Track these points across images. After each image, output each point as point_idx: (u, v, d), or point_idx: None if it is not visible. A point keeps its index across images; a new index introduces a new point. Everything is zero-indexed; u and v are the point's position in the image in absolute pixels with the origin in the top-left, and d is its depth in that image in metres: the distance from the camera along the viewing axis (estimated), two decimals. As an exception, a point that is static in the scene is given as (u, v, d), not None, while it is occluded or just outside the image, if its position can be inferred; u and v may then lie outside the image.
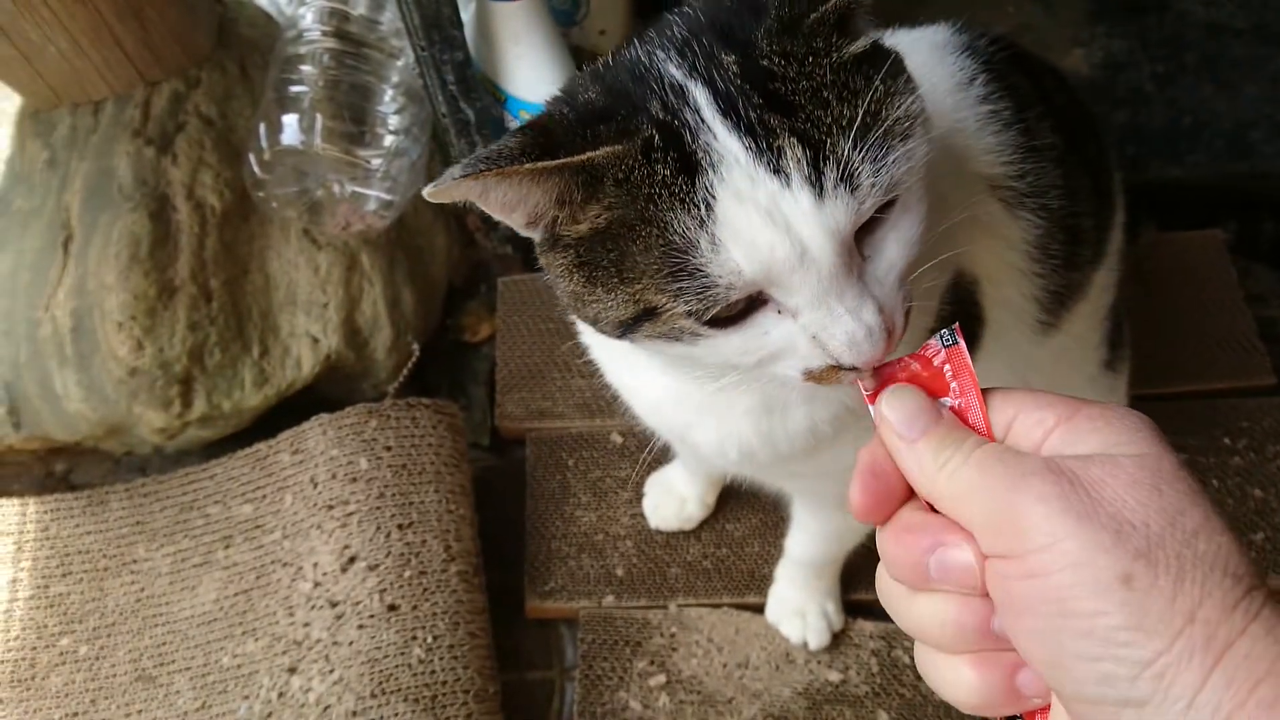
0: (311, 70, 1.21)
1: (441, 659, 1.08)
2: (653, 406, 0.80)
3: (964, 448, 0.45)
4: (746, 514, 1.23)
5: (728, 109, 0.54)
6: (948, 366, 0.48)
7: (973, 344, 0.78)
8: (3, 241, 1.27)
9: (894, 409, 0.47)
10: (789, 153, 0.53)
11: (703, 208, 0.53)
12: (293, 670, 1.09)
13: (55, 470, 1.34)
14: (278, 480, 1.21)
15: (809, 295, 0.55)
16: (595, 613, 1.17)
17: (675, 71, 0.56)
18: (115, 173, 1.23)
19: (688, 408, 0.77)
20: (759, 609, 1.16)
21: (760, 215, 0.53)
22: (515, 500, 1.25)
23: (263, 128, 1.20)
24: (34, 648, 1.16)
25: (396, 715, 1.04)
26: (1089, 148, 0.89)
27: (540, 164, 0.54)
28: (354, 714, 1.04)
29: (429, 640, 1.08)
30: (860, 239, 0.56)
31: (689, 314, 0.55)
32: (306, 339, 1.26)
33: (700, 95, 0.54)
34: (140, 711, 1.12)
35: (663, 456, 1.21)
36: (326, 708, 1.05)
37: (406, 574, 1.11)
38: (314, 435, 1.20)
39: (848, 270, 0.55)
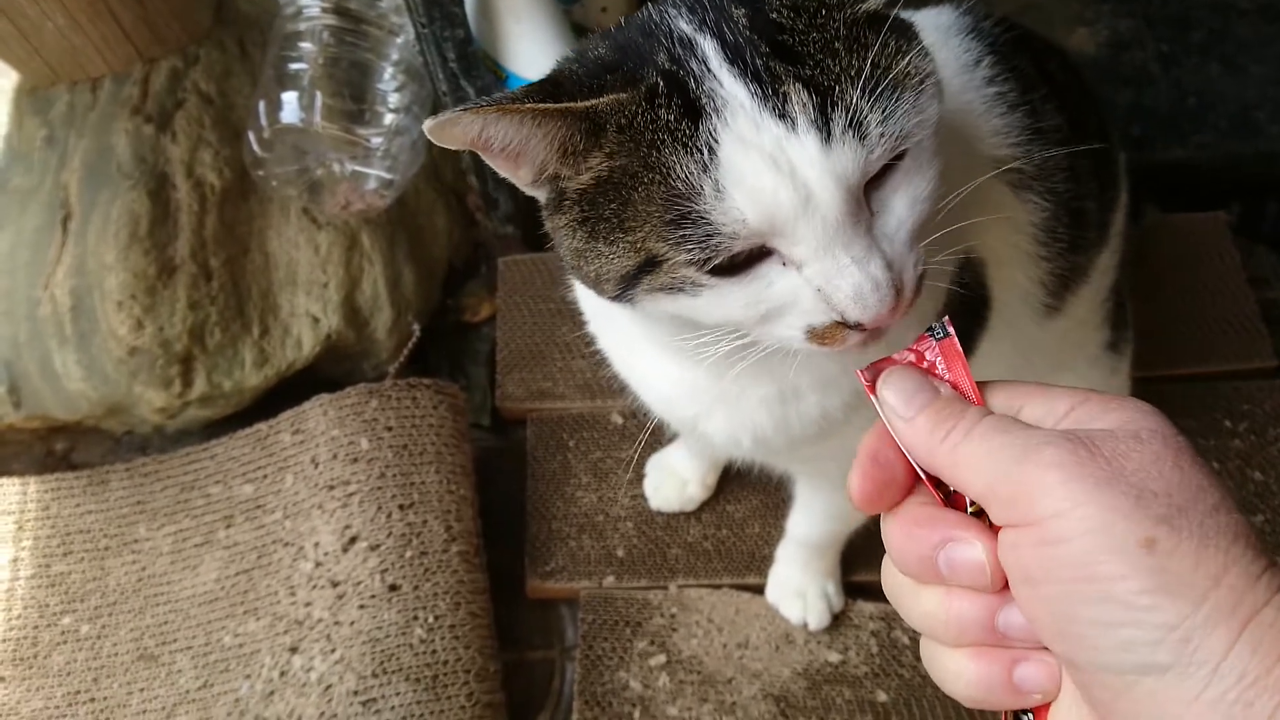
0: (311, 47, 1.20)
1: (443, 639, 1.08)
2: (663, 398, 0.80)
3: (967, 418, 0.44)
4: (747, 495, 1.23)
5: (735, 58, 0.54)
6: (940, 360, 0.48)
7: (979, 326, 0.78)
8: (1, 220, 1.27)
9: (892, 388, 0.47)
10: (794, 98, 0.52)
11: (705, 152, 0.53)
12: (294, 649, 1.10)
13: (56, 449, 1.34)
14: (279, 460, 1.21)
15: (814, 245, 0.54)
16: (596, 593, 1.17)
17: (685, 25, 0.56)
18: (114, 151, 1.22)
19: (699, 399, 0.77)
20: (759, 590, 1.16)
21: (765, 160, 0.52)
22: (516, 481, 1.25)
23: (262, 105, 1.19)
24: (36, 626, 1.17)
25: (398, 694, 1.05)
26: (1092, 129, 0.89)
27: (542, 105, 0.54)
28: (355, 693, 1.05)
29: (430, 620, 1.08)
30: (869, 194, 0.56)
31: (690, 263, 0.55)
32: (307, 319, 1.26)
33: (708, 46, 0.54)
34: (142, 690, 1.12)
35: (662, 437, 1.21)
36: (328, 687, 1.06)
37: (408, 554, 1.11)
38: (315, 415, 1.20)
39: (855, 221, 0.54)
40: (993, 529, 0.44)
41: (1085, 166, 0.84)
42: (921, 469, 0.46)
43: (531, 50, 1.25)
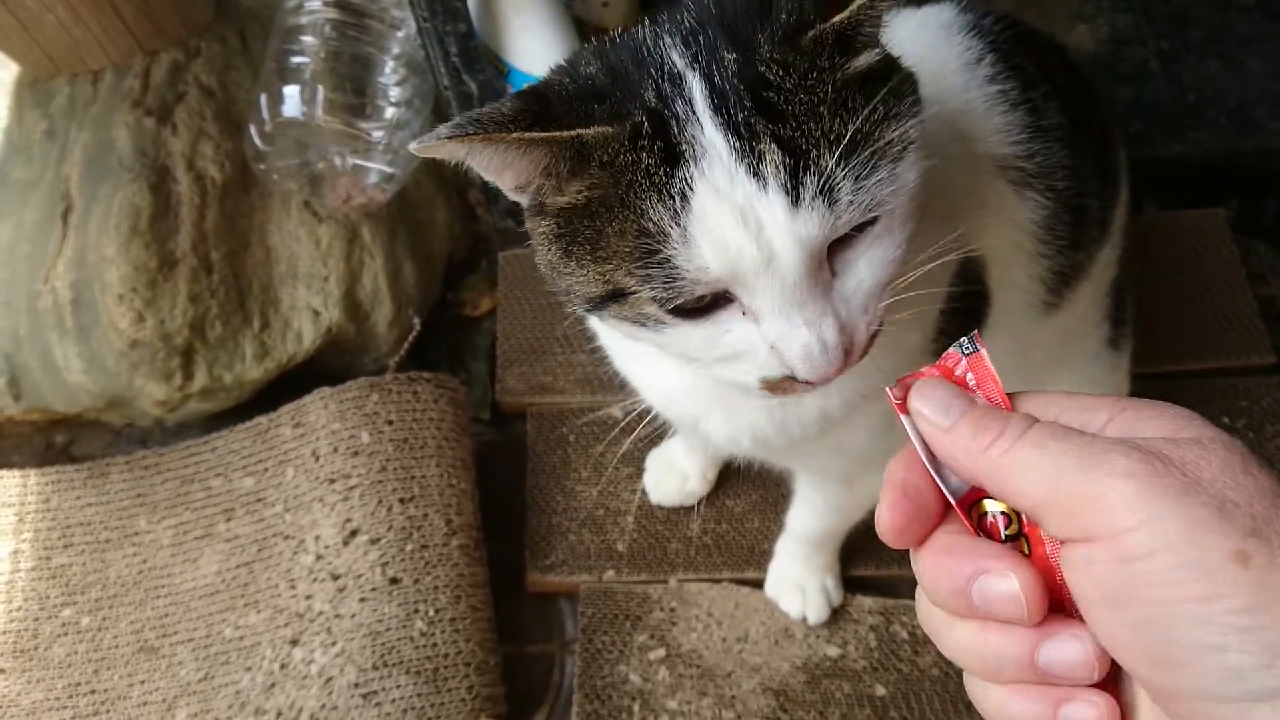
0: (312, 41, 1.20)
1: (443, 632, 1.08)
2: (664, 397, 0.81)
3: (1013, 423, 0.42)
4: (747, 490, 1.23)
5: (720, 105, 0.54)
6: (970, 375, 0.46)
7: (978, 323, 0.78)
8: (2, 213, 1.26)
9: (926, 399, 0.44)
10: (768, 158, 0.53)
11: (678, 200, 0.54)
12: (295, 642, 1.10)
13: (56, 442, 1.34)
14: (279, 453, 1.21)
15: (771, 301, 0.55)
16: (595, 587, 1.18)
17: (677, 60, 0.56)
18: (115, 143, 1.22)
19: (699, 399, 0.78)
20: (758, 584, 1.17)
21: (734, 214, 0.53)
22: (516, 475, 1.26)
23: (264, 99, 1.19)
24: (36, 619, 1.17)
25: (398, 687, 1.05)
26: (1094, 127, 0.89)
27: (528, 135, 0.54)
28: (356, 685, 1.05)
29: (431, 613, 1.09)
30: (834, 254, 0.57)
31: (654, 300, 0.56)
32: (307, 312, 1.26)
33: (696, 87, 0.55)
34: (143, 682, 1.13)
35: (662, 432, 1.22)
36: (329, 679, 1.06)
37: (408, 547, 1.11)
38: (315, 409, 1.20)
39: (813, 282, 0.55)
40: (1028, 559, 0.42)
41: (1086, 164, 0.84)
42: (952, 497, 0.44)
43: (533, 45, 1.25)
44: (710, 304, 0.57)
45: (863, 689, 1.11)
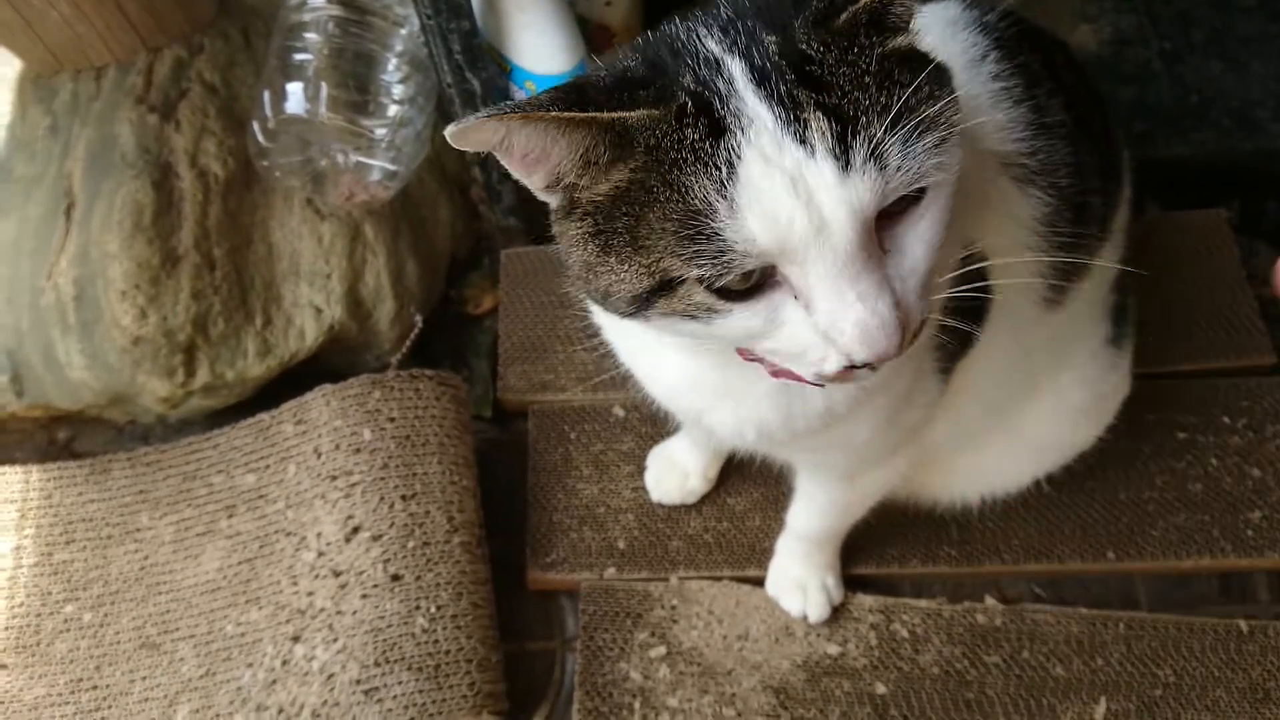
0: (316, 38, 1.20)
1: (445, 628, 1.08)
2: (669, 390, 0.81)
3: None
4: (748, 488, 1.23)
5: (761, 80, 0.54)
6: None
7: (980, 320, 0.78)
8: (5, 209, 1.27)
9: None
10: (814, 125, 0.53)
11: (724, 170, 0.53)
12: (297, 638, 1.10)
13: (58, 438, 1.34)
14: (281, 450, 1.21)
15: (823, 275, 0.54)
16: (596, 584, 1.18)
17: (714, 46, 0.57)
18: (118, 140, 1.22)
19: (705, 392, 0.78)
20: (759, 582, 1.17)
21: (783, 181, 0.53)
22: (517, 472, 1.26)
23: (267, 96, 1.19)
24: (38, 614, 1.17)
25: (400, 684, 1.05)
26: (1097, 125, 0.89)
27: (570, 113, 0.54)
28: (358, 682, 1.05)
29: (432, 610, 1.09)
30: (885, 232, 0.56)
31: (701, 280, 0.55)
32: (310, 309, 1.26)
33: (736, 67, 0.55)
34: (144, 678, 1.13)
35: (665, 429, 1.22)
36: (330, 676, 1.06)
37: (410, 544, 1.11)
38: (317, 406, 1.20)
39: (866, 255, 0.54)
40: None
41: (1089, 162, 0.84)
42: None
43: (536, 43, 1.25)
44: (759, 284, 0.56)
45: (863, 687, 1.11)
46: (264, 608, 1.14)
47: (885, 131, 0.53)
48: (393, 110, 1.22)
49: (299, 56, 1.20)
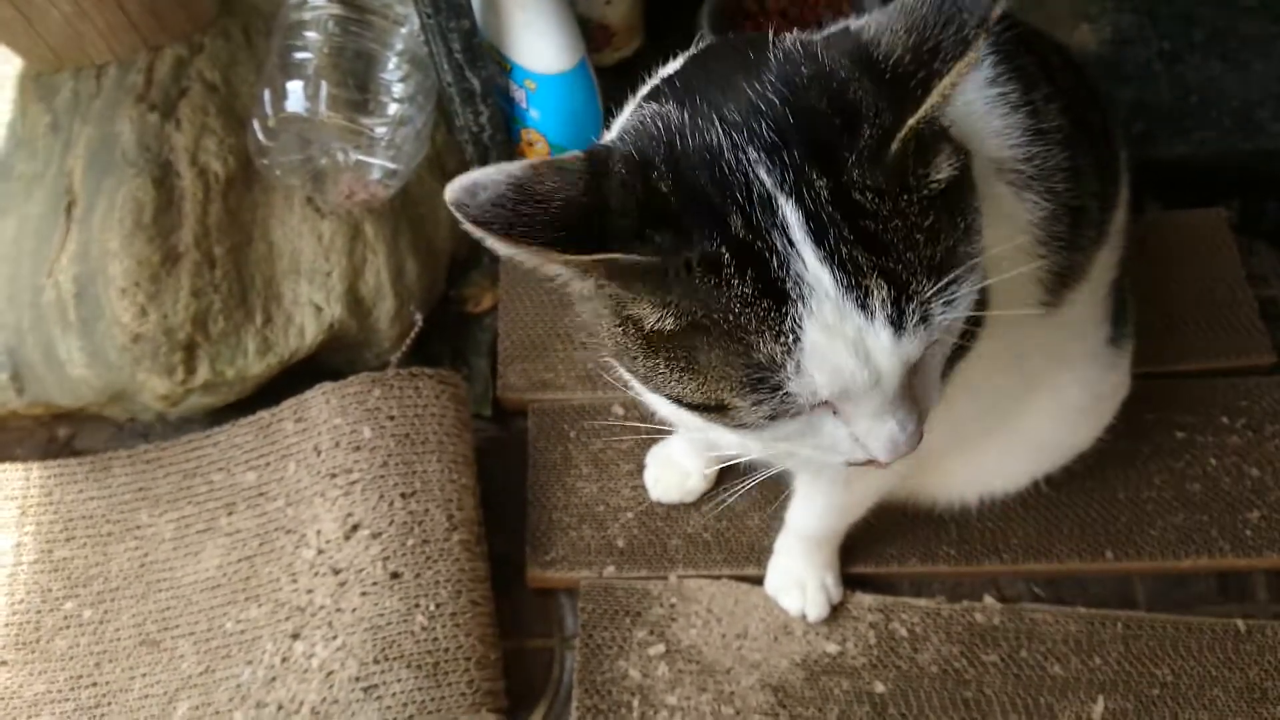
0: (316, 36, 1.20)
1: (444, 626, 1.09)
2: (680, 420, 0.81)
3: None
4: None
5: (820, 237, 0.53)
6: None
7: (975, 325, 0.78)
8: (5, 207, 1.27)
9: None
10: (875, 293, 0.54)
11: (790, 337, 0.54)
12: (296, 636, 1.10)
13: (58, 436, 1.34)
14: (281, 448, 1.21)
15: (872, 409, 0.58)
16: (596, 583, 1.18)
17: (765, 179, 0.54)
18: (118, 138, 1.22)
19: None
20: (758, 581, 1.17)
21: (846, 346, 0.54)
22: (516, 471, 1.26)
23: (267, 94, 1.20)
24: (38, 611, 1.17)
25: (399, 681, 1.05)
26: (1096, 128, 0.89)
27: (583, 257, 0.53)
28: (357, 679, 1.05)
29: (431, 608, 1.09)
30: None
31: (759, 416, 0.58)
32: (310, 307, 1.26)
33: (791, 214, 0.54)
34: (144, 675, 1.13)
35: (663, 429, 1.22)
36: (330, 673, 1.06)
37: (409, 542, 1.12)
38: (317, 403, 1.21)
39: (905, 389, 0.58)
40: None
41: (1087, 165, 0.84)
42: None
43: (537, 42, 1.25)
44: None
45: (861, 686, 1.11)
46: (264, 605, 1.14)
47: (935, 292, 0.55)
48: (393, 109, 1.23)
49: (299, 55, 1.20)
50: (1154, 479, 1.22)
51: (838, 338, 0.54)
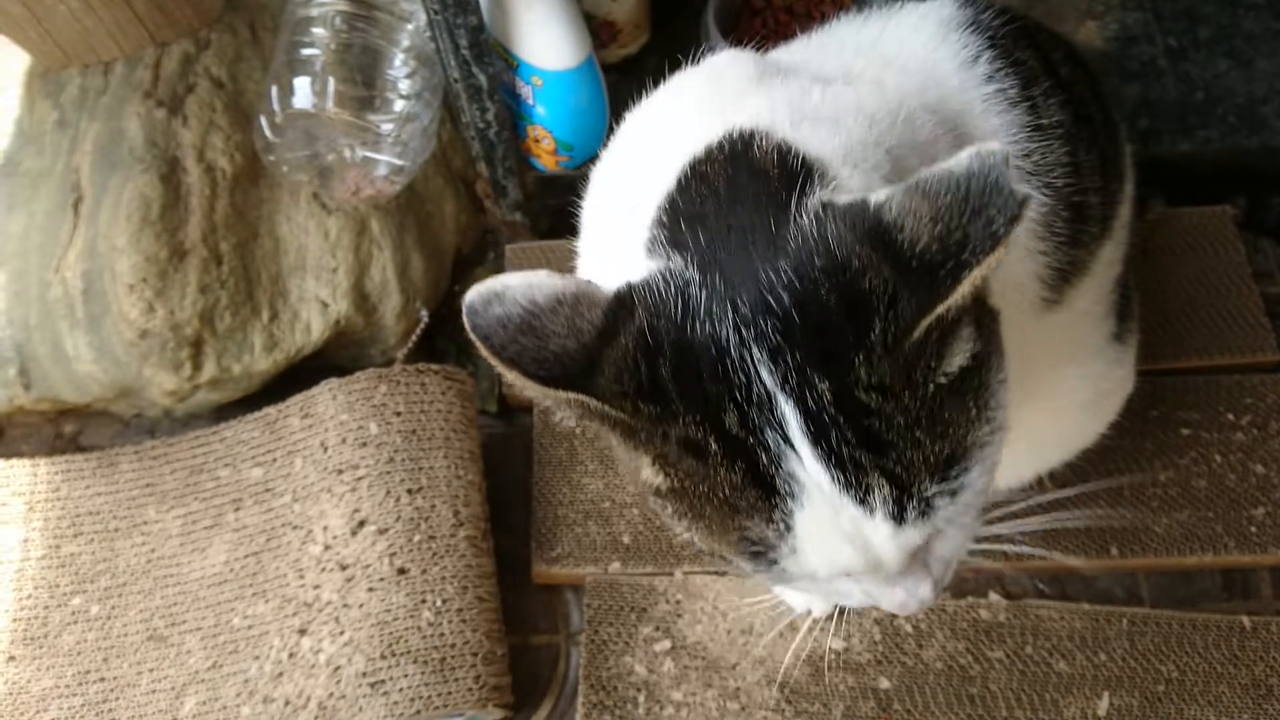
0: (323, 33, 1.21)
1: (450, 622, 1.09)
2: None
3: None
4: (752, 483, 1.23)
5: (819, 437, 0.52)
6: None
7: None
8: (13, 203, 1.27)
9: None
10: (876, 492, 0.53)
11: (781, 525, 0.54)
12: (303, 631, 1.11)
13: (65, 432, 1.35)
14: (287, 444, 1.22)
15: (873, 583, 0.58)
16: (601, 579, 1.18)
17: (767, 379, 0.53)
18: (125, 134, 1.23)
19: None
20: (764, 577, 1.17)
21: (840, 536, 0.54)
22: (522, 467, 1.26)
23: (274, 90, 1.20)
24: (46, 607, 1.18)
25: (406, 676, 1.06)
26: (1097, 123, 0.89)
27: (553, 391, 0.53)
28: (364, 675, 1.06)
29: (438, 603, 1.09)
30: None
31: (765, 578, 0.59)
32: (316, 304, 1.26)
33: (790, 415, 0.53)
34: (151, 670, 1.13)
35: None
36: (337, 668, 1.07)
37: (416, 538, 1.12)
38: (324, 399, 1.21)
39: (911, 563, 0.57)
40: None
41: (1088, 161, 0.83)
42: None
43: (543, 38, 1.25)
44: None
45: (867, 681, 1.12)
46: (271, 601, 1.14)
47: (939, 488, 0.54)
48: (399, 105, 1.23)
49: (306, 51, 1.20)
50: (1159, 476, 1.22)
51: (833, 530, 0.54)
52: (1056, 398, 1.01)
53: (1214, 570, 1.19)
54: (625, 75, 1.43)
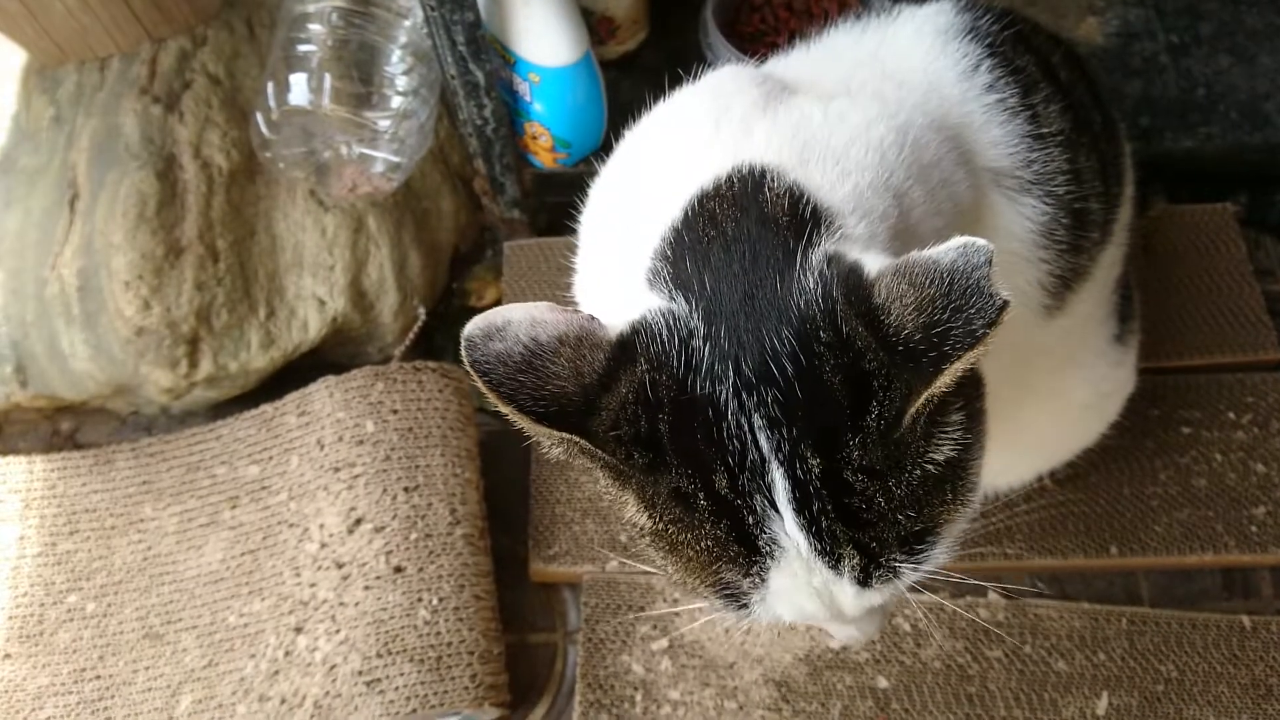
0: (320, 29, 1.20)
1: (447, 620, 1.09)
2: None
3: None
4: (750, 481, 1.23)
5: (802, 507, 0.54)
6: None
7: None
8: (10, 200, 1.27)
9: None
10: (846, 560, 0.55)
11: (758, 579, 0.56)
12: (299, 630, 1.10)
13: (61, 429, 1.34)
14: (284, 442, 1.21)
15: (835, 627, 0.64)
16: (599, 577, 1.18)
17: (764, 445, 0.54)
18: (122, 131, 1.22)
19: None
20: (762, 576, 1.17)
21: (810, 592, 0.57)
22: (520, 465, 1.26)
23: (270, 87, 1.19)
24: (42, 604, 1.18)
25: (402, 675, 1.05)
26: (1098, 127, 0.88)
27: (545, 429, 0.55)
28: (360, 673, 1.05)
29: (434, 602, 1.09)
30: None
31: (735, 618, 0.61)
32: (313, 301, 1.26)
33: (780, 482, 0.54)
34: (147, 668, 1.13)
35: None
36: (333, 667, 1.06)
37: (412, 536, 1.12)
38: (320, 397, 1.20)
39: (870, 612, 0.61)
40: None
41: (1088, 166, 0.83)
42: None
43: (541, 35, 1.24)
44: None
45: (865, 681, 1.11)
46: (267, 599, 1.14)
47: (906, 558, 0.57)
48: (396, 102, 1.22)
49: (303, 48, 1.20)
50: (1159, 475, 1.22)
51: (805, 586, 0.56)
52: (1057, 399, 1.01)
53: (1214, 569, 1.19)
54: (623, 71, 1.42)
